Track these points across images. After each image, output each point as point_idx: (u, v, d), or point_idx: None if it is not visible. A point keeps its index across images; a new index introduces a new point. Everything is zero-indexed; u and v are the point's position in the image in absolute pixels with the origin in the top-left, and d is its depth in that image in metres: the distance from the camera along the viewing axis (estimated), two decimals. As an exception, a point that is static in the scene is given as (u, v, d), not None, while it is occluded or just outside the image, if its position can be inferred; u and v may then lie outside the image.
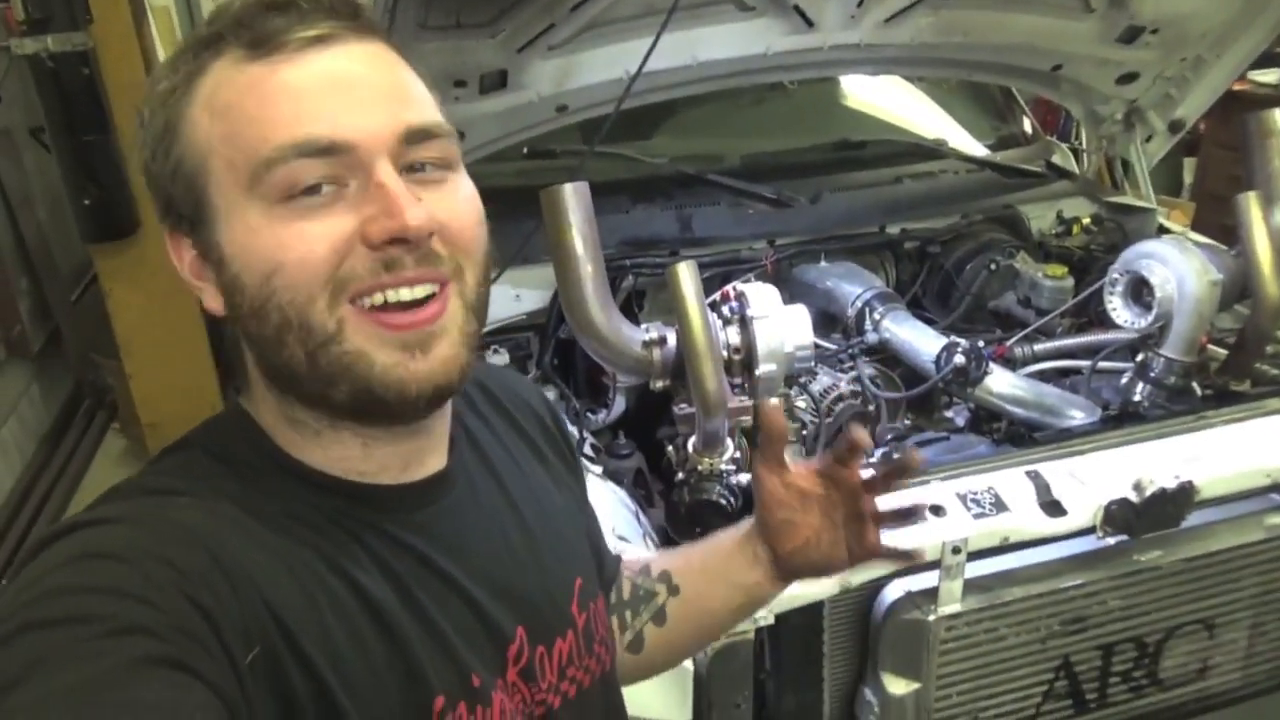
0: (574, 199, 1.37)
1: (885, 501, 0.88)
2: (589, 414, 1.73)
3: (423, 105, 0.67)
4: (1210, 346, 1.66)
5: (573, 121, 1.89)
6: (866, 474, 0.87)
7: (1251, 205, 1.56)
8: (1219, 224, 2.56)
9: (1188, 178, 4.87)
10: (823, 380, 1.73)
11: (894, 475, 0.87)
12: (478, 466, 0.79)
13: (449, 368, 0.65)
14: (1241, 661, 1.48)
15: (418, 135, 0.64)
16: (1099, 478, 1.35)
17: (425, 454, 0.73)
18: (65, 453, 3.47)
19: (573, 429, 1.40)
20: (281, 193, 0.61)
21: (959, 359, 1.61)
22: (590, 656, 0.82)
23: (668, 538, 1.51)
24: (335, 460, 0.68)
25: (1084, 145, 2.69)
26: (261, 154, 0.60)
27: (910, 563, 0.93)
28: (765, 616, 1.23)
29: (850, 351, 1.82)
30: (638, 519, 1.42)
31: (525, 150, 2.09)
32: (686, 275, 1.33)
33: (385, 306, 0.63)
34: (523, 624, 0.75)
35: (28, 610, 0.52)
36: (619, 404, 1.74)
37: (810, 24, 1.80)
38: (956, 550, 1.25)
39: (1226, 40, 2.03)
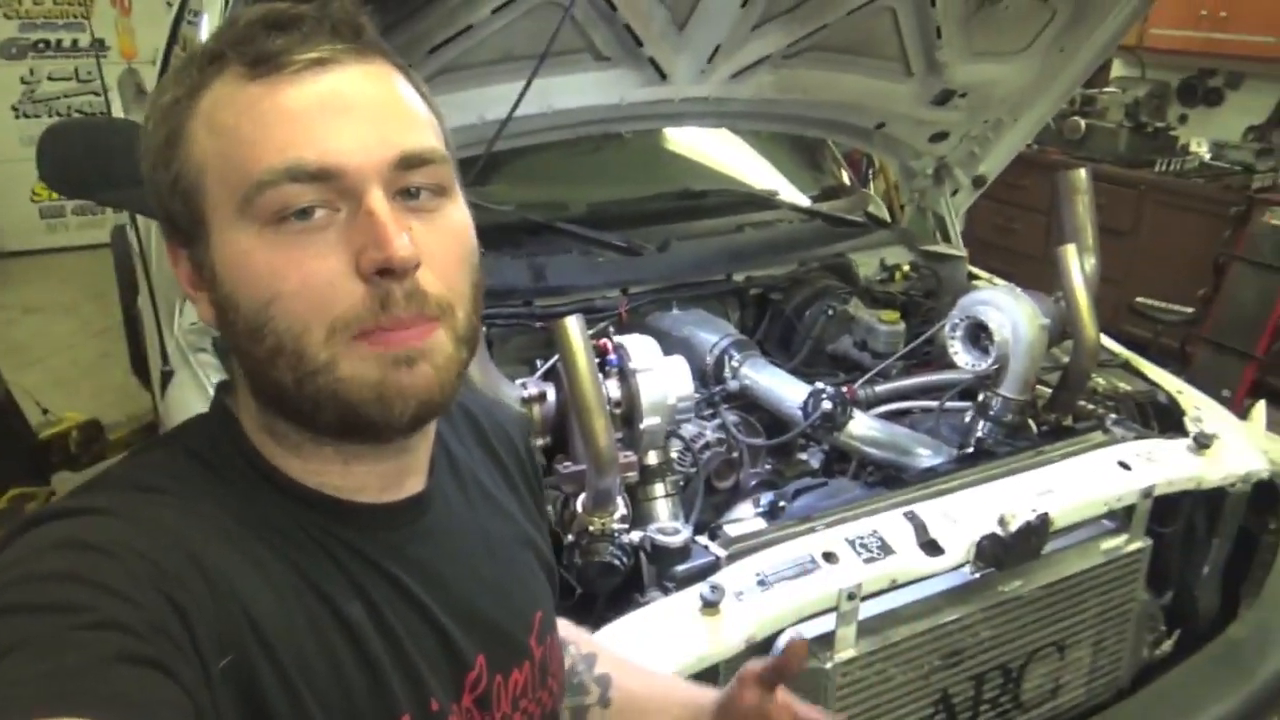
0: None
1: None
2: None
3: (420, 129, 0.65)
4: (1036, 385, 1.81)
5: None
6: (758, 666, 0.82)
7: (1069, 256, 1.71)
8: (987, 266, 2.88)
9: (959, 225, 5.39)
10: (688, 429, 1.72)
11: (788, 670, 0.81)
12: (455, 492, 0.79)
13: (431, 385, 0.64)
14: (1086, 677, 1.60)
15: (412, 161, 0.64)
16: (967, 515, 1.42)
17: (405, 475, 0.72)
18: None
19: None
20: (272, 215, 0.61)
21: (826, 405, 1.65)
22: (543, 689, 0.82)
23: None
24: (313, 474, 0.68)
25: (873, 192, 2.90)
26: (254, 176, 0.61)
27: None
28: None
29: (712, 399, 1.83)
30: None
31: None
32: (575, 329, 1.28)
33: (376, 328, 0.63)
34: (483, 652, 0.75)
35: (12, 591, 0.53)
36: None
37: (663, 76, 1.83)
38: (851, 596, 1.27)
39: (1022, 106, 2.25)
